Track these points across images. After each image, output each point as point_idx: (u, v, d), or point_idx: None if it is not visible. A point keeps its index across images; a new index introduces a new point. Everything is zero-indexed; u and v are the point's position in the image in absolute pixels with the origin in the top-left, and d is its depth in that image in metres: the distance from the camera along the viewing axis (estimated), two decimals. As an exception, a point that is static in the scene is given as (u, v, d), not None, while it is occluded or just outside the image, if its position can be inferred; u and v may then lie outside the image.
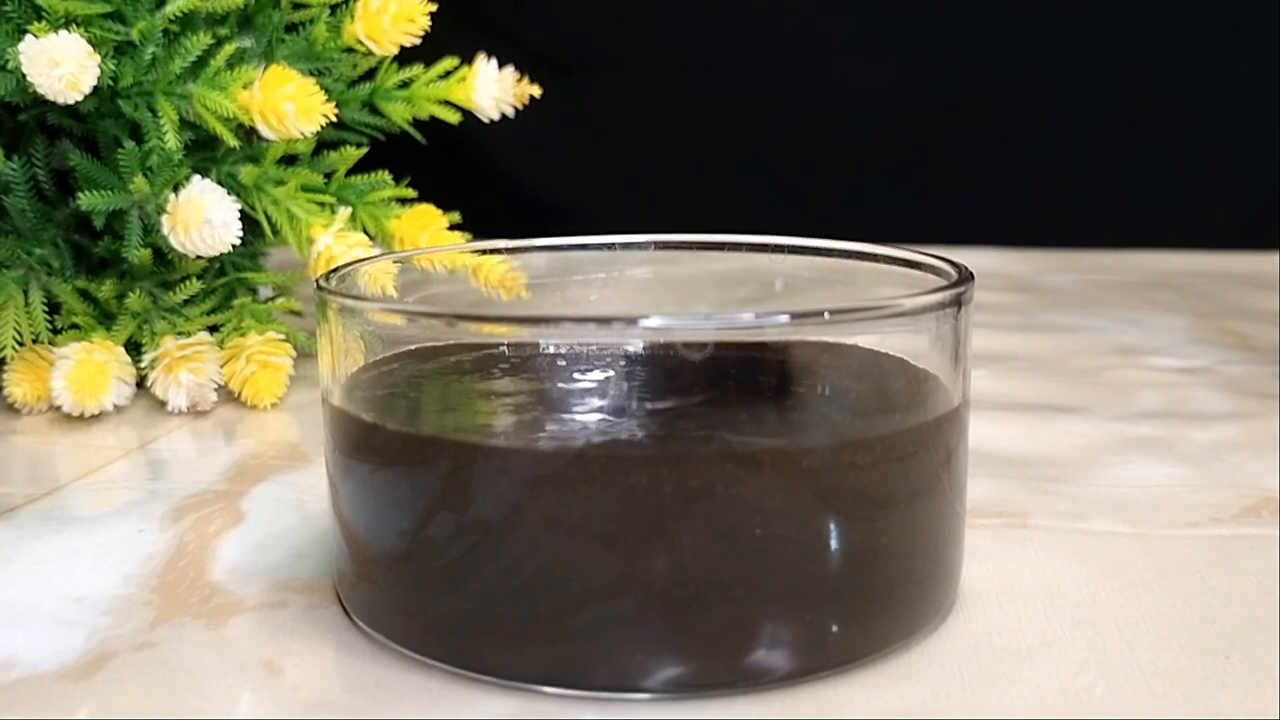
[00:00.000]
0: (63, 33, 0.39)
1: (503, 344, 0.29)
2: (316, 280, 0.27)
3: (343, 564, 0.26)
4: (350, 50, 0.47)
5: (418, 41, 0.47)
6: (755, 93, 0.83)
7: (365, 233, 0.46)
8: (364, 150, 0.49)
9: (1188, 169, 0.81)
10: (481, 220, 0.54)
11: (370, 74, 0.49)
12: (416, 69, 0.49)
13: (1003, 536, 0.31)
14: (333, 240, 0.44)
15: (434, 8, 0.46)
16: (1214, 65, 0.80)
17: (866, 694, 0.23)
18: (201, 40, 0.42)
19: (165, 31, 0.42)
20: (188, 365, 0.43)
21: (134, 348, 0.45)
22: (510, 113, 0.49)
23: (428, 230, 0.47)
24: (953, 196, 0.82)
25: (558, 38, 0.81)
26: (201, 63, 0.43)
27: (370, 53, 0.47)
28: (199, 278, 0.45)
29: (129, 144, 0.42)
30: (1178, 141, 0.80)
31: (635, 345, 0.29)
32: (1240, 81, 0.80)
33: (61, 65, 0.39)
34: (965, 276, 0.26)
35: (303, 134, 0.42)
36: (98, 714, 0.23)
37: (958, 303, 0.25)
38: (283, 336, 0.45)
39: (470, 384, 0.28)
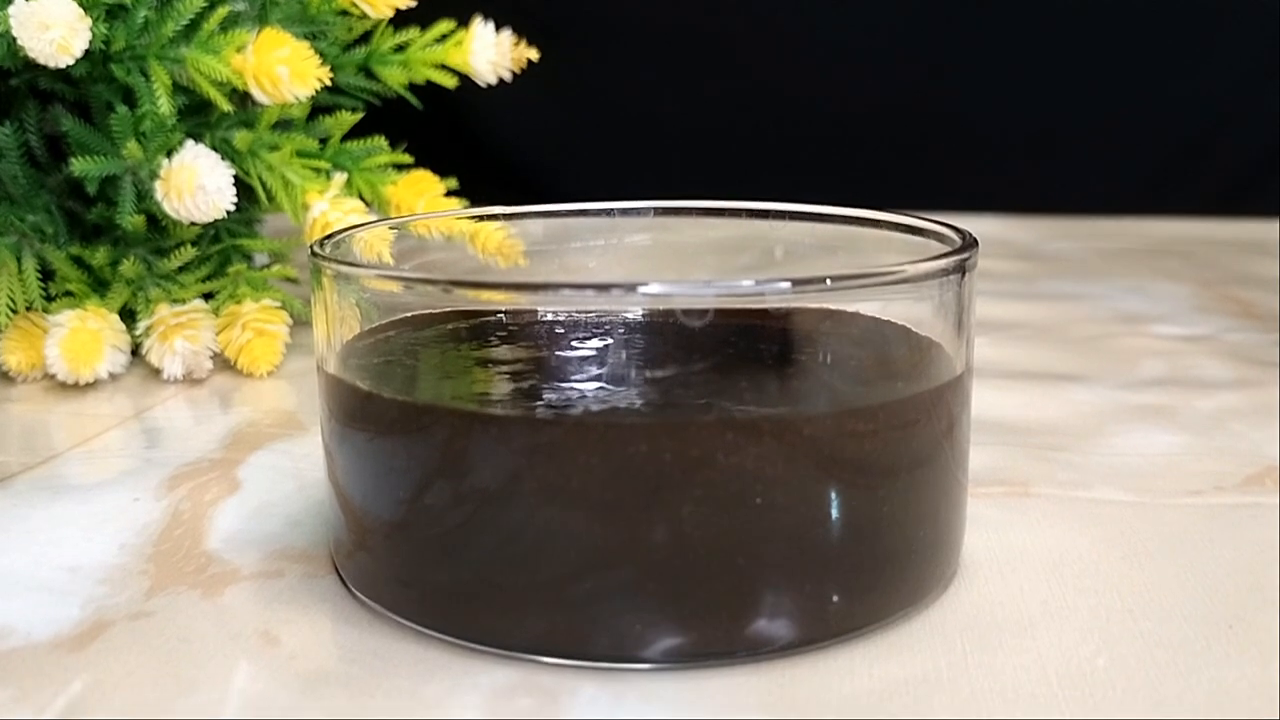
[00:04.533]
0: (53, -5, 0.39)
1: (500, 311, 0.29)
2: (311, 247, 0.27)
3: (339, 533, 0.26)
4: (345, 13, 0.47)
5: (414, 4, 0.46)
6: (756, 58, 0.82)
7: (361, 199, 0.46)
8: (359, 115, 0.48)
9: (1189, 134, 0.80)
10: (479, 186, 0.53)
11: (365, 38, 0.49)
12: (412, 32, 0.48)
13: (1005, 505, 0.31)
14: (328, 206, 0.43)
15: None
16: (1215, 29, 0.79)
17: (868, 664, 0.23)
18: (194, 3, 0.41)
19: (157, -6, 0.42)
20: (183, 333, 0.43)
21: (128, 315, 0.44)
22: (508, 77, 0.49)
23: (424, 196, 0.46)
24: (955, 163, 0.81)
25: (555, 1, 0.80)
26: (194, 26, 0.42)
27: (365, 16, 0.47)
28: (193, 244, 0.45)
29: (121, 109, 0.42)
30: (1179, 107, 0.80)
31: (634, 313, 0.28)
32: (1241, 45, 0.79)
33: (52, 29, 0.38)
34: (969, 243, 0.26)
35: (297, 98, 0.42)
36: (93, 684, 0.23)
37: (961, 269, 0.25)
38: (278, 304, 0.45)
39: (467, 352, 0.28)
